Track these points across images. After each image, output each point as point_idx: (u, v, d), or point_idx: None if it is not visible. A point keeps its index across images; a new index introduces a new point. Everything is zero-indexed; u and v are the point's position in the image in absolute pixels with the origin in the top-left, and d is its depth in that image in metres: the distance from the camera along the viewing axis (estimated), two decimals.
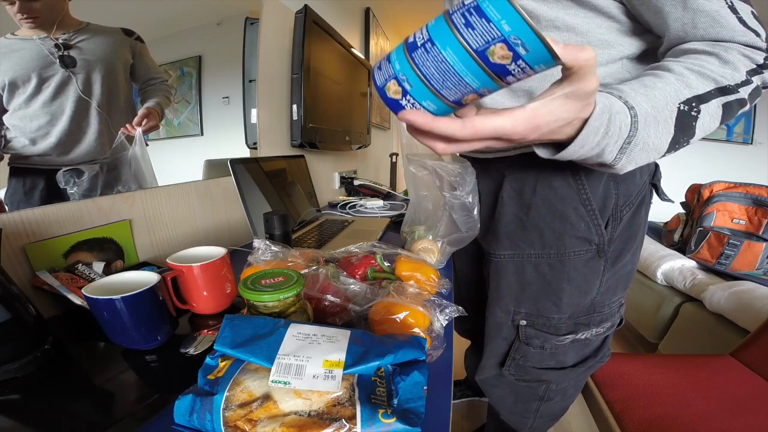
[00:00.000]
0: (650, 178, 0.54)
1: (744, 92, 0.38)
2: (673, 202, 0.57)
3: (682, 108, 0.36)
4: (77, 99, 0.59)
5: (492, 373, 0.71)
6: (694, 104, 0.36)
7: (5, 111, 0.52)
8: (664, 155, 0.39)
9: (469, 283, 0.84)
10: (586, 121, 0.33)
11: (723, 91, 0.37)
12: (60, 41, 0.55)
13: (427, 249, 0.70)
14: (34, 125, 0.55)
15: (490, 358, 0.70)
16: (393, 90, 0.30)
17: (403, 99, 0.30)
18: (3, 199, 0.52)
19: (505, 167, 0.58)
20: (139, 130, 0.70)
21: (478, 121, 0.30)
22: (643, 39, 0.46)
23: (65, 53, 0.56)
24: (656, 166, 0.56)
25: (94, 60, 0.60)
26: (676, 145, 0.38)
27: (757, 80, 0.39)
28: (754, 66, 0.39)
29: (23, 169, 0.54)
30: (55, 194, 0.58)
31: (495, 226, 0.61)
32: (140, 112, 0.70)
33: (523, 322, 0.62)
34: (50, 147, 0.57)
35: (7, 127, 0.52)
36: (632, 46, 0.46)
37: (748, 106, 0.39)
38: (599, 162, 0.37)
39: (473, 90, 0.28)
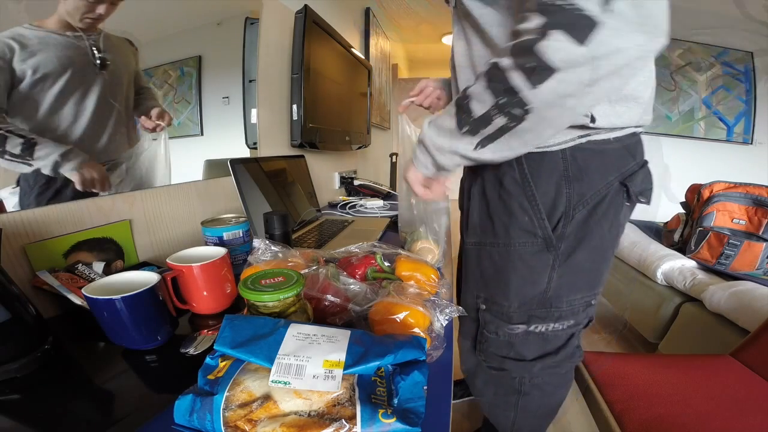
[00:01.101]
0: (620, 178, 0.54)
1: (498, 58, 0.42)
2: (648, 204, 0.58)
3: (458, 97, 0.48)
4: (103, 101, 0.61)
5: (471, 361, 0.74)
6: (463, 92, 0.47)
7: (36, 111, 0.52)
8: (464, 130, 0.47)
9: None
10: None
11: (486, 66, 0.44)
12: (91, 42, 0.57)
13: (426, 249, 0.70)
14: (64, 123, 0.56)
15: (465, 341, 0.75)
16: None
17: None
18: (18, 197, 0.52)
19: (480, 168, 0.64)
20: (162, 125, 0.74)
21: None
22: None
23: (102, 54, 0.59)
24: (639, 167, 0.56)
25: (119, 65, 0.64)
26: (462, 118, 0.47)
27: (515, 40, 0.40)
28: (516, 28, 0.41)
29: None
30: (76, 192, 0.59)
31: (468, 218, 0.68)
32: (154, 111, 0.72)
33: (483, 306, 0.67)
34: (76, 144, 0.58)
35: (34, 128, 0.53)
36: None
37: (508, 62, 0.40)
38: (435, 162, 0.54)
39: None
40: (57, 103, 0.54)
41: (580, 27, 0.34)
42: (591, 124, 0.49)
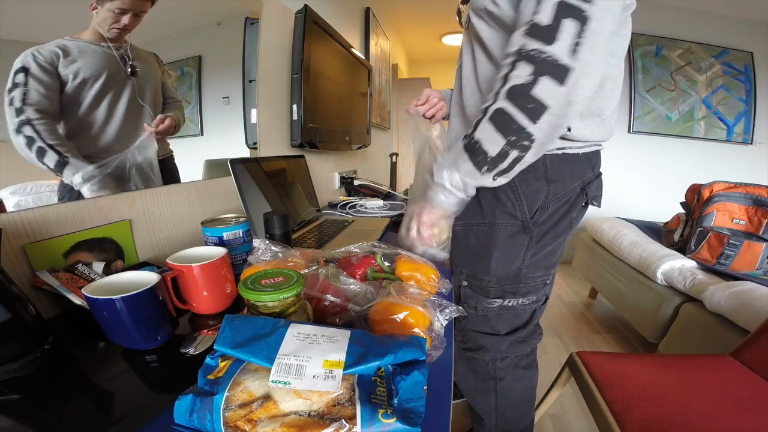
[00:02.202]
0: (581, 184, 0.68)
1: (497, 103, 0.52)
2: (598, 206, 0.73)
3: (465, 143, 0.57)
4: (133, 103, 0.69)
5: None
6: (469, 136, 0.56)
7: (77, 111, 0.59)
8: (486, 170, 0.56)
9: None
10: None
11: (484, 111, 0.54)
12: (123, 52, 0.65)
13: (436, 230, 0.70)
14: (98, 122, 0.62)
15: None
16: None
17: None
18: (57, 193, 0.57)
19: None
20: (150, 130, 0.76)
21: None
22: None
23: (132, 62, 0.67)
24: (594, 177, 0.70)
25: (146, 72, 0.71)
26: (478, 161, 0.55)
27: (507, 85, 0.50)
28: (504, 73, 0.51)
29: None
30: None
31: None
32: (160, 116, 0.77)
33: (465, 283, 0.77)
34: (108, 143, 0.65)
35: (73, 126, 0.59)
36: None
37: (511, 108, 0.50)
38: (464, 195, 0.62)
39: None
40: (93, 104, 0.61)
41: (559, 72, 0.47)
42: (568, 134, 0.62)
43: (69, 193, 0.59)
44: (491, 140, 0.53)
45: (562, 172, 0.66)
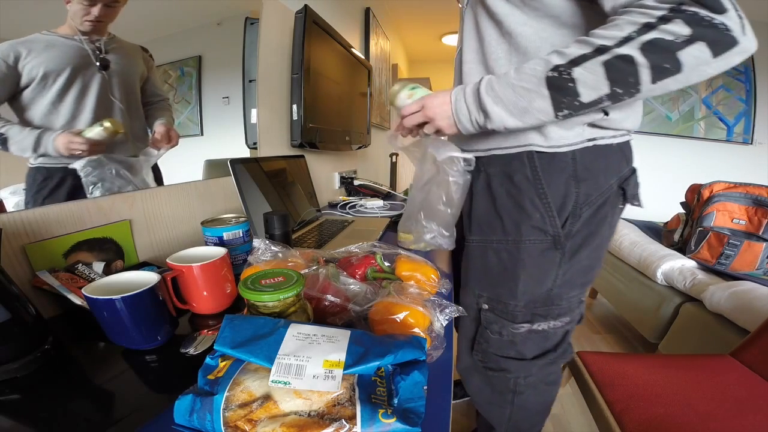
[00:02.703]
0: (618, 182, 0.58)
1: (625, 48, 0.43)
2: (640, 206, 0.62)
3: (550, 74, 0.47)
4: (103, 99, 0.64)
5: (467, 361, 0.75)
6: (562, 69, 0.46)
7: (24, 108, 0.55)
8: (562, 113, 0.48)
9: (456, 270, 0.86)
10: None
11: (599, 51, 0.44)
12: (98, 45, 0.61)
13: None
14: (61, 120, 0.58)
15: (462, 341, 0.75)
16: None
17: None
18: (24, 197, 0.54)
19: (483, 165, 0.65)
20: (164, 147, 0.77)
21: (406, 107, 0.64)
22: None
23: (103, 56, 0.62)
24: (630, 172, 0.60)
25: (123, 66, 0.66)
26: (563, 102, 0.47)
27: (648, 35, 0.42)
28: (645, 21, 0.42)
29: (47, 167, 0.57)
30: (79, 194, 0.61)
31: (470, 215, 0.67)
32: (162, 129, 0.76)
33: (485, 306, 0.67)
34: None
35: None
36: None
37: (642, 61, 0.42)
38: (481, 124, 0.55)
39: None
40: (56, 99, 0.57)
41: (722, 44, 0.40)
42: (604, 117, 0.54)
43: (32, 179, 0.55)
44: (593, 85, 0.45)
45: (594, 168, 0.56)
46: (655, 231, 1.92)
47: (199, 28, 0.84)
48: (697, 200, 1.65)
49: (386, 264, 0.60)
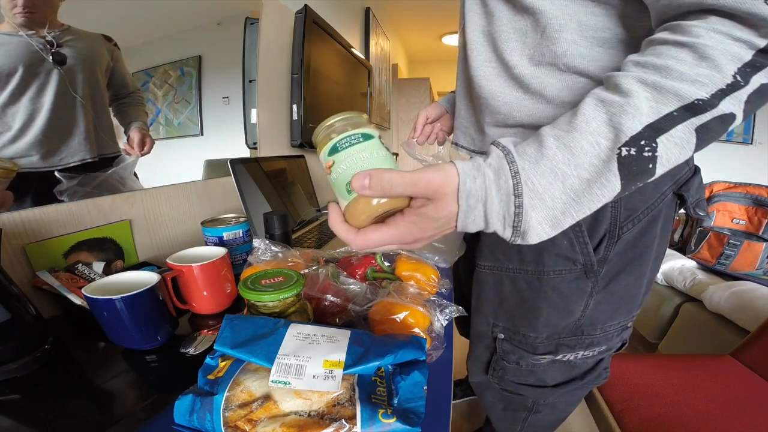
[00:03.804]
0: (674, 188, 0.44)
1: (729, 105, 0.26)
2: (709, 218, 0.49)
3: (623, 153, 0.27)
4: (63, 96, 0.59)
5: (481, 378, 0.68)
6: (644, 141, 0.27)
7: None
8: (635, 180, 0.29)
9: (469, 283, 0.83)
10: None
11: (692, 110, 0.26)
12: (48, 39, 0.55)
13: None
14: (18, 122, 0.54)
15: (476, 363, 0.67)
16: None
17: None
18: None
19: None
20: (136, 154, 0.72)
21: (369, 232, 0.31)
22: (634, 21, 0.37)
23: (56, 50, 0.56)
24: (692, 173, 0.46)
25: (82, 59, 0.60)
26: (632, 188, 0.29)
27: (758, 78, 0.25)
28: (752, 54, 0.25)
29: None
30: (47, 198, 0.57)
31: (479, 235, 0.57)
32: (137, 136, 0.72)
33: (501, 336, 0.58)
34: (33, 145, 0.56)
35: None
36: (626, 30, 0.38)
37: (740, 119, 0.27)
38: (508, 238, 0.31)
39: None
40: (9, 102, 0.53)
41: None
42: None
43: None
44: (675, 160, 0.28)
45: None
46: None
47: (199, 28, 0.84)
48: None
49: (386, 264, 0.60)
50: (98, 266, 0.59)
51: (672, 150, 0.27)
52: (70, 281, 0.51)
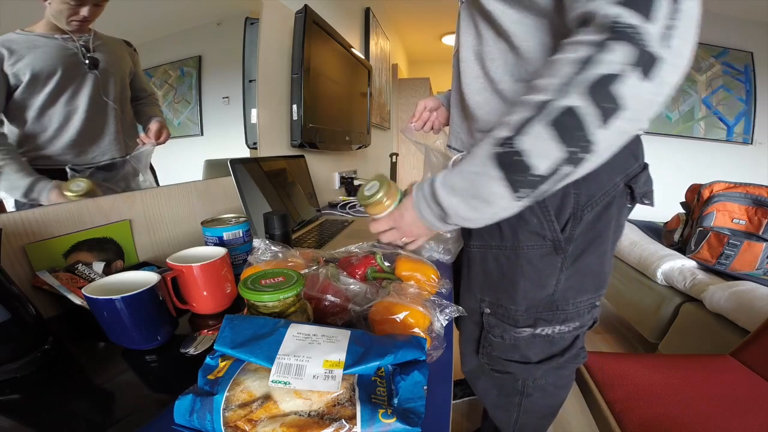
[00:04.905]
0: (625, 180, 0.53)
1: (568, 99, 0.34)
2: (651, 205, 0.58)
3: (498, 150, 0.39)
4: (96, 99, 0.62)
5: (473, 363, 0.74)
6: (507, 142, 0.38)
7: (24, 108, 0.54)
8: (521, 193, 0.40)
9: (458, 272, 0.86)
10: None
11: (539, 109, 0.36)
12: (81, 43, 0.59)
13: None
14: (54, 123, 0.57)
15: (467, 344, 0.74)
16: None
17: None
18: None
19: None
20: (152, 143, 0.75)
21: (373, 223, 0.57)
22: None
23: (91, 54, 0.61)
24: (641, 169, 0.55)
25: (111, 64, 0.64)
26: (518, 180, 0.39)
27: (591, 72, 0.33)
28: (584, 56, 0.34)
29: (40, 169, 0.56)
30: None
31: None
32: (154, 125, 0.75)
33: (487, 310, 0.66)
34: (68, 145, 0.60)
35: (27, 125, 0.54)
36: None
37: (585, 105, 0.34)
38: (446, 220, 0.48)
39: None
40: (47, 103, 0.56)
41: (646, 63, 0.33)
42: None
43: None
44: (543, 152, 0.37)
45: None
46: (655, 231, 1.92)
47: (199, 28, 0.84)
48: (697, 200, 1.65)
49: (386, 264, 0.60)
50: (98, 266, 0.59)
51: (531, 142, 0.37)
52: (70, 281, 0.51)
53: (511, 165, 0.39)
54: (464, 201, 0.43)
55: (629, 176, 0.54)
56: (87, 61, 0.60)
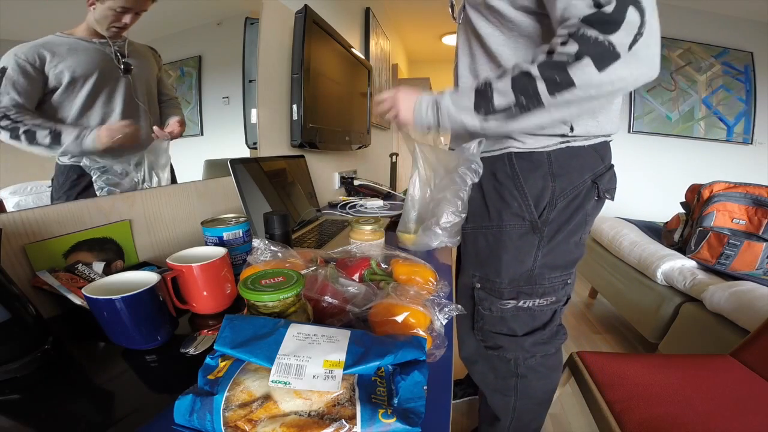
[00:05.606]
0: (593, 177, 0.66)
1: (528, 66, 0.53)
2: (611, 199, 0.70)
3: (479, 86, 0.59)
4: (130, 102, 0.67)
5: (471, 347, 0.84)
6: (485, 84, 0.59)
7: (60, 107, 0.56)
8: (480, 111, 0.59)
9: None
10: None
11: (514, 69, 0.56)
12: (116, 48, 0.63)
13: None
14: (93, 124, 0.60)
15: (464, 323, 0.84)
16: None
17: None
18: (50, 192, 0.57)
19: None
20: (164, 135, 0.77)
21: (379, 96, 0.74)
22: None
23: (125, 59, 0.64)
24: (607, 169, 0.68)
25: (141, 69, 0.68)
26: (482, 105, 0.59)
27: (547, 57, 0.51)
28: (549, 48, 0.52)
29: (73, 165, 0.59)
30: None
31: (469, 207, 0.77)
32: (176, 120, 0.78)
33: (478, 285, 0.77)
34: (106, 147, 0.63)
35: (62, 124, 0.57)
36: None
37: (538, 74, 0.52)
38: (432, 112, 0.66)
39: None
40: (87, 104, 0.59)
41: (605, 59, 0.47)
42: (569, 133, 0.63)
43: (65, 176, 0.58)
44: (503, 94, 0.56)
45: (568, 166, 0.65)
46: (655, 231, 1.92)
47: (199, 28, 0.84)
48: (697, 200, 1.64)
49: (383, 266, 0.60)
50: (98, 266, 0.59)
51: (500, 85, 0.57)
52: (70, 281, 0.51)
53: (482, 95, 0.59)
54: (453, 102, 0.63)
55: (596, 174, 0.67)
56: (121, 66, 0.63)
